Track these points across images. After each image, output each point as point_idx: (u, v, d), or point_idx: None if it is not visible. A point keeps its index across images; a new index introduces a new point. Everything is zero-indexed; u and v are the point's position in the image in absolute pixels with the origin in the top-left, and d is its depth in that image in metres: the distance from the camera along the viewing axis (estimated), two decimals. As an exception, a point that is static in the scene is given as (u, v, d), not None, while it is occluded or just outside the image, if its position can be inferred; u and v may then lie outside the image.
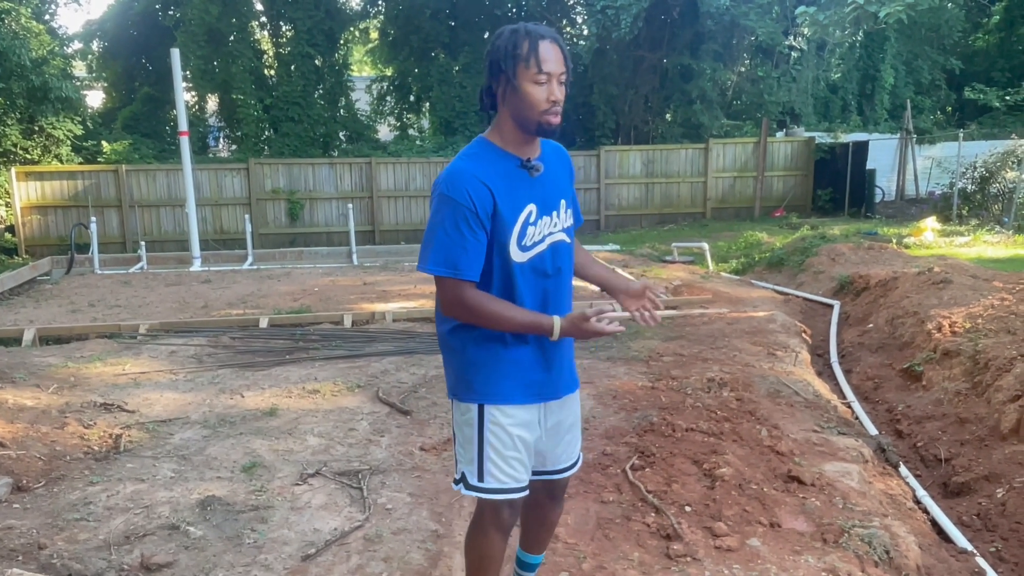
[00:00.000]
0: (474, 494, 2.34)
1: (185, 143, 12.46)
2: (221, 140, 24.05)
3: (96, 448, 4.52)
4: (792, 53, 20.16)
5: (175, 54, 12.17)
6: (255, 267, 12.37)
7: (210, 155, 21.92)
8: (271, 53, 21.27)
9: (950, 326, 6.83)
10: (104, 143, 18.30)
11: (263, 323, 8.01)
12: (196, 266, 12.36)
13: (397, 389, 5.62)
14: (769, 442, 4.42)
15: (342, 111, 20.76)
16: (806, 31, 16.94)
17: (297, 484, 3.97)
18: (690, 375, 5.89)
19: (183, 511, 3.67)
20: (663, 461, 4.02)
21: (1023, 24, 24.21)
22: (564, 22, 22.69)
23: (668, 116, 21.69)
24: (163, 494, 3.88)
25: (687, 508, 3.54)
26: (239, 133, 20.39)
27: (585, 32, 20.79)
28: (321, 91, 20.44)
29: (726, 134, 19.97)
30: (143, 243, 13.30)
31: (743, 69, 21.09)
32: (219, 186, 16.59)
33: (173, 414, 5.18)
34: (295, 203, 16.58)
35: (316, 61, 20.20)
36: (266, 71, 20.85)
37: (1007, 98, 20.40)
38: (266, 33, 21.72)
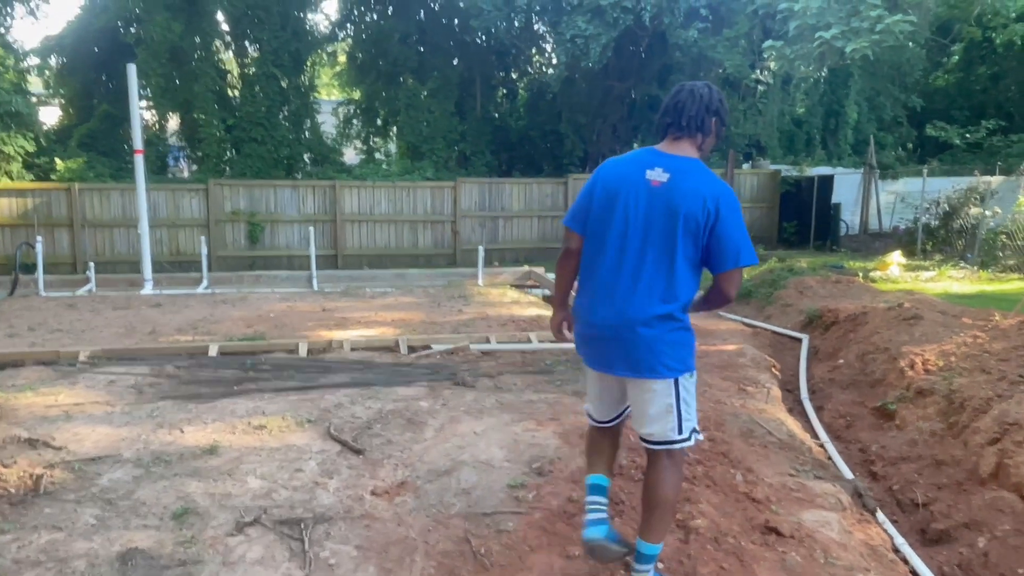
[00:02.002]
0: (700, 438, 3.02)
1: (139, 161, 12.02)
2: (182, 160, 23.52)
3: (13, 490, 4.10)
4: (759, 87, 20.34)
5: (131, 70, 11.78)
6: (210, 291, 11.92)
7: (170, 175, 21.39)
8: (235, 73, 20.90)
9: (923, 364, 6.69)
10: (58, 160, 17.72)
11: (213, 351, 7.60)
12: (147, 289, 11.87)
13: (351, 425, 5.28)
14: (744, 488, 4.17)
15: (307, 133, 20.43)
16: (773, 65, 17.05)
17: (232, 534, 3.60)
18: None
19: (101, 566, 3.29)
20: (633, 510, 3.74)
21: (981, 64, 24.83)
22: (533, 50, 22.71)
23: (636, 145, 21.72)
24: (81, 545, 3.49)
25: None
26: (200, 153, 19.92)
27: (554, 61, 20.79)
28: (286, 113, 20.10)
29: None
30: (92, 264, 12.76)
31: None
32: (176, 207, 16.11)
33: (104, 451, 4.77)
34: (255, 225, 16.16)
35: (282, 82, 19.89)
36: (230, 91, 20.47)
37: (967, 136, 20.78)
38: (231, 53, 21.36)
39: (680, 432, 2.87)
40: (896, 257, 13.76)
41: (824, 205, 18.59)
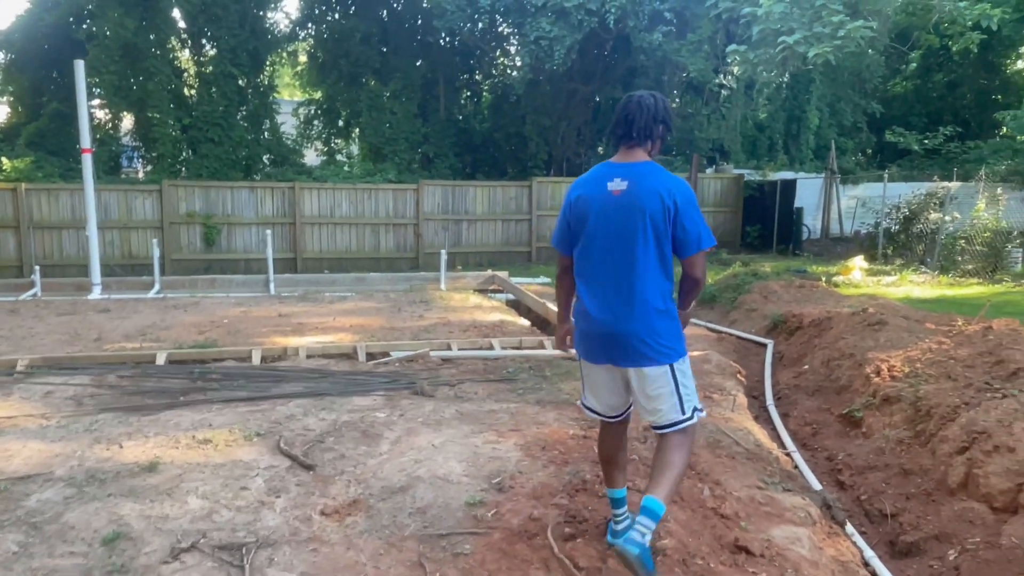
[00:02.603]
0: (702, 415, 3.30)
1: (87, 160, 11.57)
2: (136, 161, 22.88)
3: (-73, 514, 3.78)
4: (722, 91, 20.42)
5: (79, 66, 11.34)
6: (161, 295, 11.51)
7: (123, 176, 20.77)
8: (192, 72, 20.38)
9: (888, 370, 6.62)
10: (4, 160, 17.07)
11: (160, 359, 7.27)
12: (96, 294, 11.42)
13: (302, 438, 5.02)
14: (712, 503, 4.01)
15: (266, 134, 19.99)
16: (736, 70, 17.12)
17: (166, 561, 3.34)
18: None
19: (18, 600, 3.00)
20: (597, 529, 3.55)
21: (938, 71, 25.26)
22: (497, 52, 22.54)
23: (600, 149, 21.67)
24: (-2, 576, 3.19)
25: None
26: (155, 154, 19.36)
27: (518, 63, 20.65)
28: (244, 112, 19.64)
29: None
30: (37, 268, 12.25)
31: (674, 105, 21.24)
32: (129, 208, 15.61)
33: (35, 469, 4.46)
34: (211, 228, 15.72)
35: (240, 81, 19.43)
36: (186, 90, 19.94)
37: (925, 142, 21.09)
38: (187, 51, 20.82)
39: (683, 412, 3.17)
40: (858, 262, 13.83)
41: (787, 209, 18.71)
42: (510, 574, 3.22)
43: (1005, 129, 18.64)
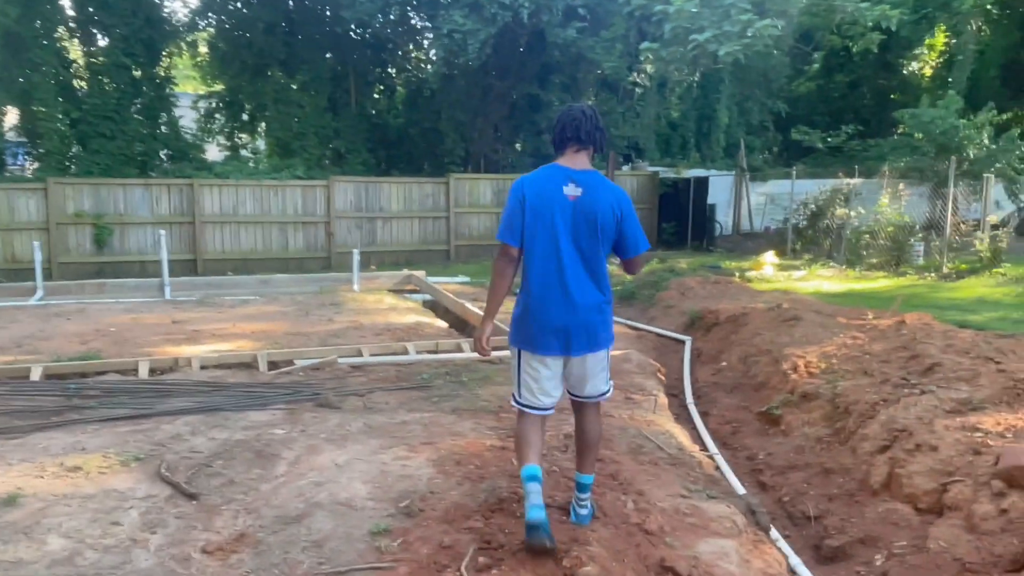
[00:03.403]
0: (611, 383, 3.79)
1: (-43, 156, 10.54)
2: (22, 158, 21.31)
3: None
4: (636, 89, 20.51)
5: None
6: (44, 302, 10.59)
7: (7, 174, 19.26)
8: (81, 62, 19.04)
9: (805, 366, 6.58)
10: None
11: (35, 373, 6.57)
12: (-31, 302, 10.40)
13: (188, 462, 4.52)
14: (637, 518, 3.76)
15: (163, 128, 18.86)
16: (649, 68, 17.17)
17: (9, 622, 2.84)
18: (545, 429, 5.17)
19: None
20: (514, 557, 3.24)
21: (840, 72, 26.11)
22: (411, 45, 22.00)
23: (518, 145, 21.44)
24: None
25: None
26: (42, 150, 18.00)
27: (432, 56, 20.19)
28: (139, 106, 18.48)
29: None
30: (-98, 274, 11.12)
31: (590, 102, 21.21)
32: (11, 208, 14.43)
33: None
34: (102, 228, 14.68)
35: (134, 73, 18.27)
36: (76, 82, 18.62)
37: (828, 140, 21.70)
38: (76, 40, 19.46)
39: (607, 384, 3.68)
40: (769, 257, 14.04)
41: (700, 206, 18.92)
42: (416, 616, 2.86)
43: (903, 127, 19.31)
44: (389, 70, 22.63)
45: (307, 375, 6.77)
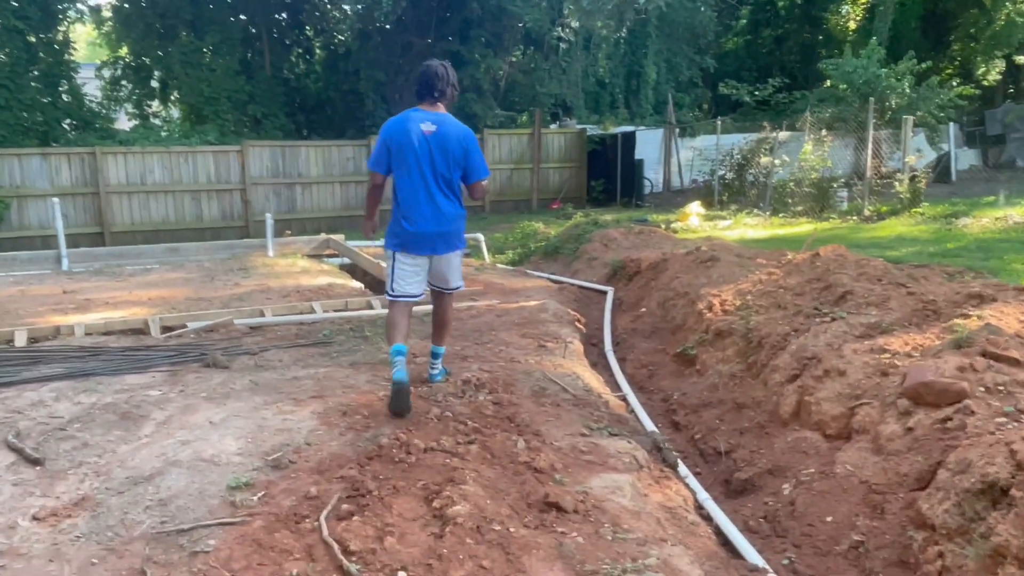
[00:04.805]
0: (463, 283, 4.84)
1: None
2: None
3: None
4: (561, 45, 20.11)
5: None
6: (-76, 279, 9.79)
7: None
8: (-30, 28, 17.74)
9: (720, 304, 6.40)
10: None
11: None
12: None
13: (43, 428, 4.08)
14: (526, 457, 3.49)
15: (65, 96, 17.74)
16: (573, 22, 16.79)
17: None
18: (445, 377, 4.88)
19: None
20: (381, 502, 2.93)
21: (766, 27, 26.18)
22: (328, 5, 21.12)
23: (442, 106, 20.84)
24: None
25: (400, 574, 2.46)
26: (-70, 122, 16.76)
27: (348, 12, 19.40)
28: (36, 73, 17.33)
29: (501, 125, 19.50)
30: None
31: (515, 59, 20.75)
32: None
33: None
34: (-3, 202, 13.76)
35: (29, 38, 17.10)
36: (-35, 48, 17.35)
37: (755, 94, 21.72)
38: (-37, 3, 18.11)
39: (460, 280, 4.65)
40: (695, 208, 13.94)
41: (628, 163, 18.72)
42: (259, 571, 2.53)
43: (828, 81, 19.43)
44: (307, 31, 21.71)
45: (198, 337, 6.33)
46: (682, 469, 4.30)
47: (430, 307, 4.96)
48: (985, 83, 23.20)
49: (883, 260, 6.41)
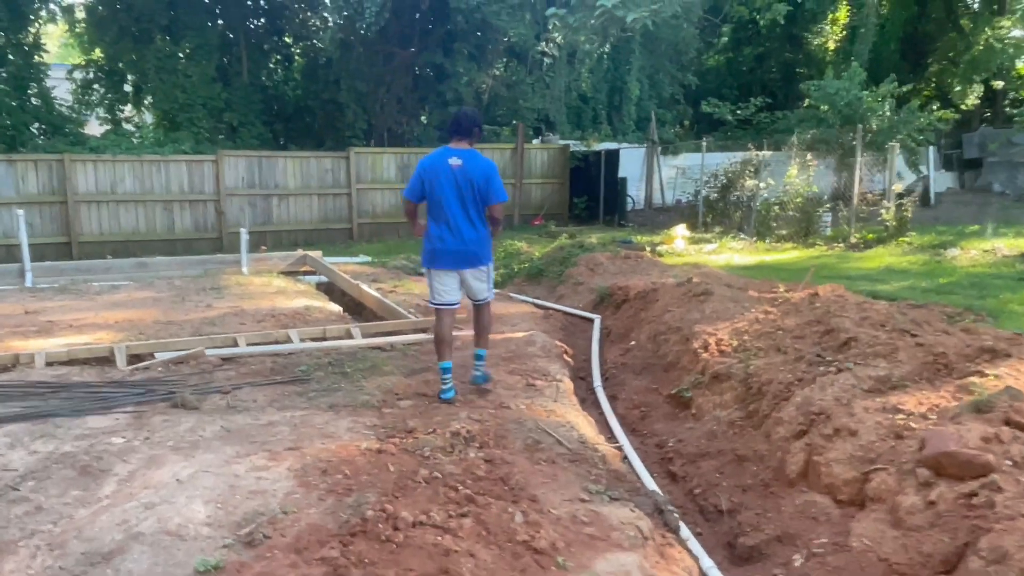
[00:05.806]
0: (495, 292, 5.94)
1: None
2: None
3: None
4: (545, 59, 19.92)
5: None
6: None
7: None
8: (-64, 28, 17.15)
9: (717, 344, 6.17)
10: None
11: None
12: None
13: (-10, 485, 3.72)
14: (525, 534, 3.21)
15: (34, 100, 17.18)
16: (558, 37, 16.58)
17: None
18: (431, 425, 4.60)
19: None
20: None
21: (747, 45, 26.23)
22: (308, 12, 20.73)
23: (423, 118, 20.57)
24: None
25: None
26: None
27: (329, 21, 19.05)
28: (4, 75, 16.77)
29: (484, 139, 19.25)
30: None
31: (498, 72, 20.51)
32: None
33: None
34: (-42, 211, 13.20)
35: (-3, 40, 16.57)
36: (-70, 50, 16.77)
37: (738, 112, 21.70)
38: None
39: (490, 292, 5.45)
40: (680, 231, 13.77)
41: (612, 180, 18.53)
42: None
43: (808, 100, 19.43)
44: (286, 38, 21.31)
45: (167, 370, 5.97)
46: (684, 531, 4.06)
47: (430, 334, 6.17)
48: (963, 107, 23.38)
49: (884, 303, 6.23)
